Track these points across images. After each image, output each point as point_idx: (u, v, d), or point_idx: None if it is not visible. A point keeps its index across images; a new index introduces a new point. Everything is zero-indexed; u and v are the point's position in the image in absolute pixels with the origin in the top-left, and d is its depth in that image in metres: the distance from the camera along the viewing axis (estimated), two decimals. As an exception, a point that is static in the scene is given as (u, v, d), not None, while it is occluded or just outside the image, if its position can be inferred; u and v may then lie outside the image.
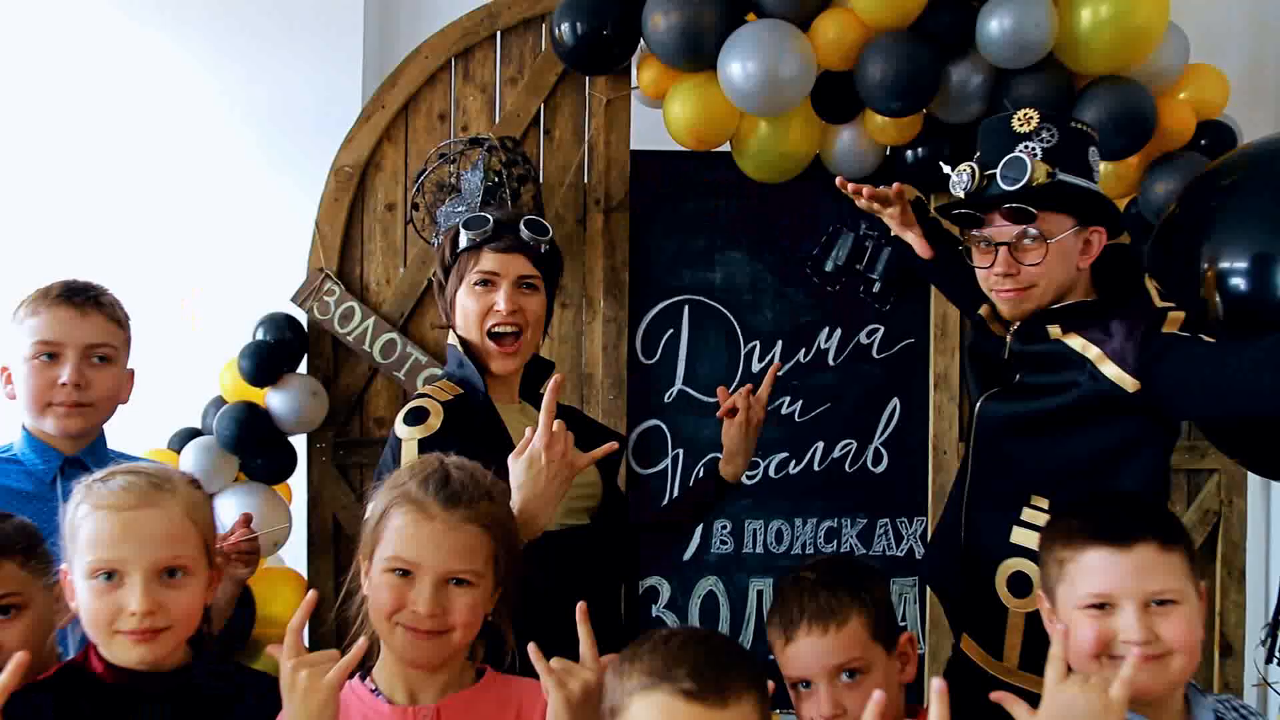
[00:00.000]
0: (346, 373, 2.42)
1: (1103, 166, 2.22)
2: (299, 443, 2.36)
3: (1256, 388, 1.24)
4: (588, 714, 0.98)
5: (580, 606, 1.05)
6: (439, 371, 2.31)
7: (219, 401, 2.36)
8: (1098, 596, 1.09)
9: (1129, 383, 1.34)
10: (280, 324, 2.35)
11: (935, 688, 0.90)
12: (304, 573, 2.37)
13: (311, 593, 1.06)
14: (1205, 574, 2.48)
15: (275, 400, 2.29)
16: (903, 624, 2.44)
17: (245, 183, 2.76)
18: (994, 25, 2.06)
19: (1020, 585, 1.45)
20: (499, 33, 2.43)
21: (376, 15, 2.91)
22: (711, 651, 0.88)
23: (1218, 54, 2.58)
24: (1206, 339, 1.31)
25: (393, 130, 2.44)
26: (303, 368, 2.39)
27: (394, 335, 2.38)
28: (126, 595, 1.03)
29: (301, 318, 2.39)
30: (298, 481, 2.39)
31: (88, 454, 1.64)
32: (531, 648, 1.00)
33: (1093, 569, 1.10)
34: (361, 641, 1.02)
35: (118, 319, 1.70)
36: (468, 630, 1.08)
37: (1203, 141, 2.20)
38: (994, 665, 1.48)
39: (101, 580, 1.04)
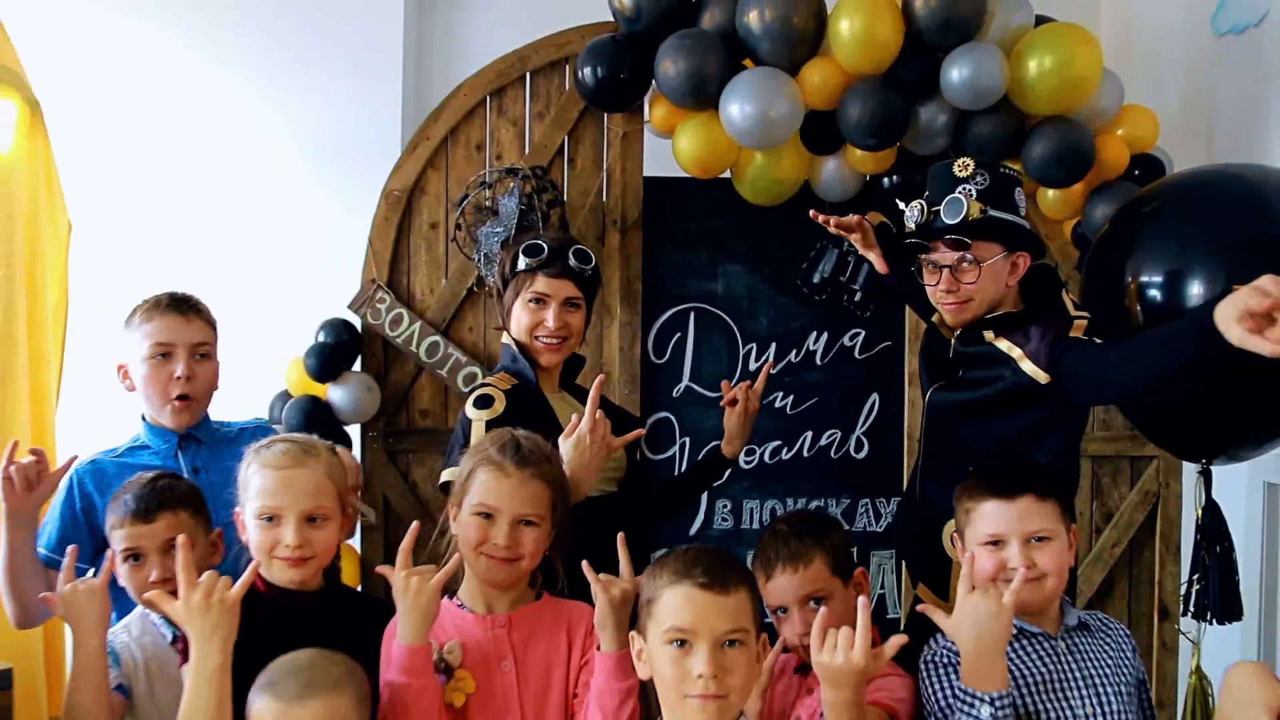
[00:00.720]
0: (396, 370, 2.81)
1: (1050, 194, 2.64)
2: (353, 431, 2.75)
3: (1121, 377, 1.63)
4: (624, 614, 1.36)
5: (620, 536, 1.43)
6: (477, 369, 2.73)
7: (285, 395, 2.75)
8: (992, 535, 1.48)
9: (1042, 377, 1.72)
10: (339, 328, 2.74)
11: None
12: (357, 546, 2.76)
13: (415, 523, 1.45)
14: (1145, 547, 2.88)
15: (335, 394, 2.68)
16: (878, 589, 2.83)
17: (301, 203, 3.17)
18: (955, 74, 2.44)
19: (960, 541, 1.84)
20: (528, 74, 2.82)
21: (414, 57, 3.32)
22: (717, 557, 1.26)
23: (1158, 93, 2.98)
24: (1098, 341, 1.70)
25: (436, 159, 2.83)
26: (357, 366, 2.79)
27: (437, 338, 2.77)
28: (283, 532, 1.42)
29: (357, 323, 2.79)
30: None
31: (197, 429, 2.03)
32: (585, 564, 1.38)
33: (988, 515, 1.49)
34: (456, 557, 1.41)
35: (211, 322, 2.10)
36: (533, 560, 1.46)
37: (1136, 172, 2.59)
38: (941, 605, 1.87)
39: (265, 521, 1.43)
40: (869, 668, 1.22)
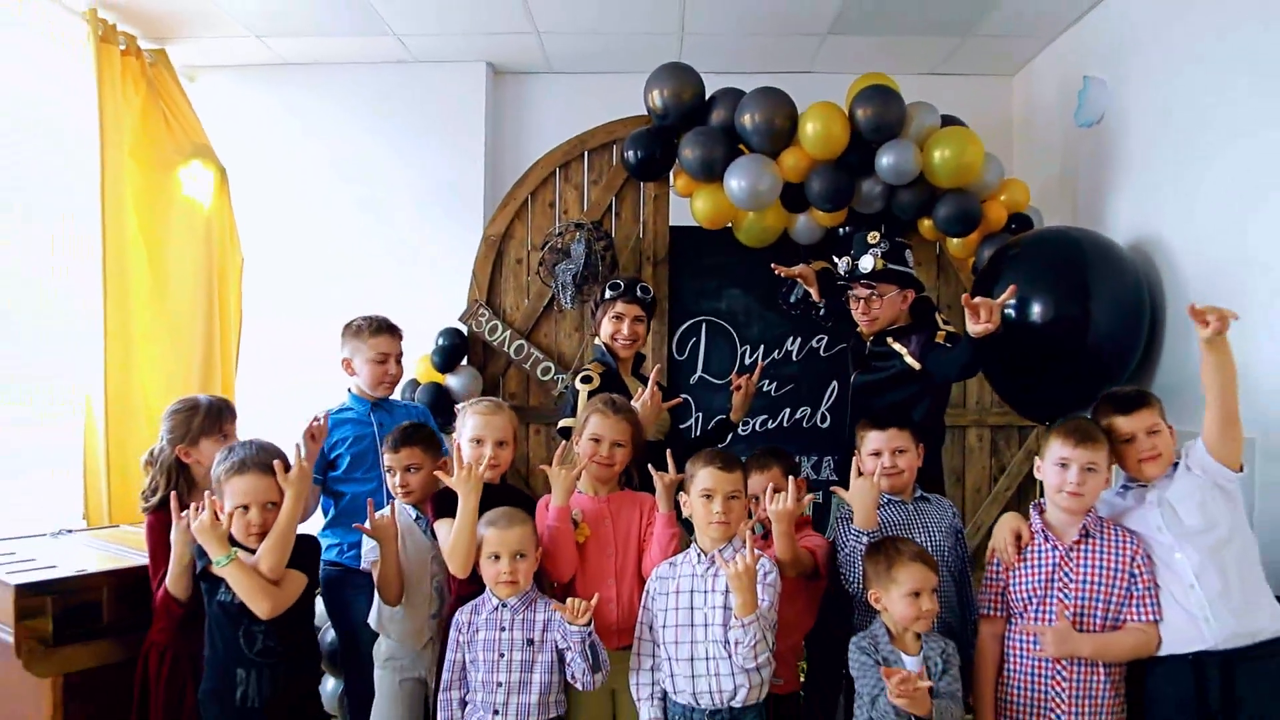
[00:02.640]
0: (492, 364, 4.08)
1: (954, 241, 3.90)
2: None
3: (951, 368, 2.89)
4: (671, 493, 2.57)
5: (669, 451, 2.67)
6: (550, 364, 3.99)
7: (413, 383, 4.01)
8: (871, 451, 2.67)
9: (917, 366, 2.97)
10: (452, 335, 4.01)
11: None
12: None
13: (561, 447, 2.71)
14: (1028, 491, 4.11)
15: (452, 381, 3.95)
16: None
17: (416, 241, 4.45)
18: (885, 160, 3.70)
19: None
20: (586, 152, 4.10)
21: (492, 134, 4.60)
22: (726, 454, 2.48)
23: (1041, 167, 4.26)
24: (947, 345, 2.95)
25: (520, 213, 4.10)
26: (465, 361, 4.06)
27: (522, 341, 4.04)
28: (484, 452, 2.65)
29: (465, 330, 4.05)
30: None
31: (382, 400, 3.25)
32: (650, 466, 2.62)
33: (869, 439, 2.67)
34: (580, 465, 2.63)
35: (400, 335, 3.32)
36: (620, 467, 2.69)
37: (1013, 226, 3.85)
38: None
39: (474, 443, 2.66)
40: (793, 511, 2.44)
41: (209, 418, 2.71)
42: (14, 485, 3.57)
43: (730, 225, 3.98)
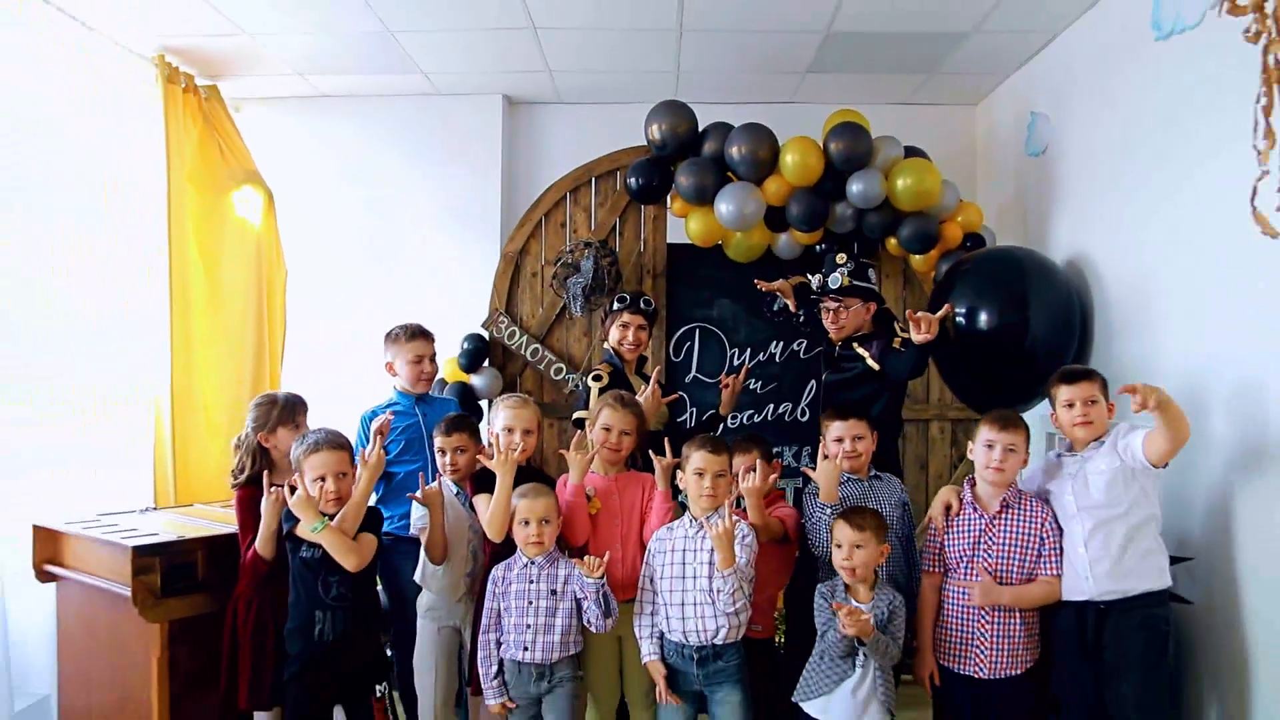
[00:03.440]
0: (510, 365, 4.66)
1: (916, 258, 4.49)
2: (484, 403, 4.59)
3: (903, 369, 3.48)
4: (668, 475, 3.13)
5: (667, 440, 3.24)
6: (563, 365, 4.57)
7: (441, 383, 4.58)
8: (835, 438, 3.24)
9: (876, 367, 3.56)
10: (476, 339, 4.59)
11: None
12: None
13: (576, 436, 3.29)
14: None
15: (476, 380, 4.53)
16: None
17: (441, 258, 5.03)
18: (854, 187, 4.28)
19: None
20: (594, 179, 4.68)
21: (508, 160, 5.17)
22: (716, 440, 3.05)
23: (998, 190, 4.85)
24: (901, 350, 3.53)
25: (535, 232, 4.68)
26: (487, 363, 4.64)
27: (537, 345, 4.62)
28: (515, 439, 3.22)
29: (486, 336, 4.64)
30: (483, 425, 4.63)
31: (423, 395, 3.83)
32: (651, 452, 3.19)
33: (833, 427, 3.24)
34: (594, 450, 3.21)
35: (432, 338, 3.90)
36: (627, 452, 3.25)
37: (968, 244, 4.43)
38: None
39: (506, 433, 3.23)
40: (760, 488, 3.00)
41: (285, 410, 3.29)
42: (89, 473, 4.13)
43: (720, 243, 4.56)
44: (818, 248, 4.52)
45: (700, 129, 4.42)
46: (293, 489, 2.91)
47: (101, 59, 4.21)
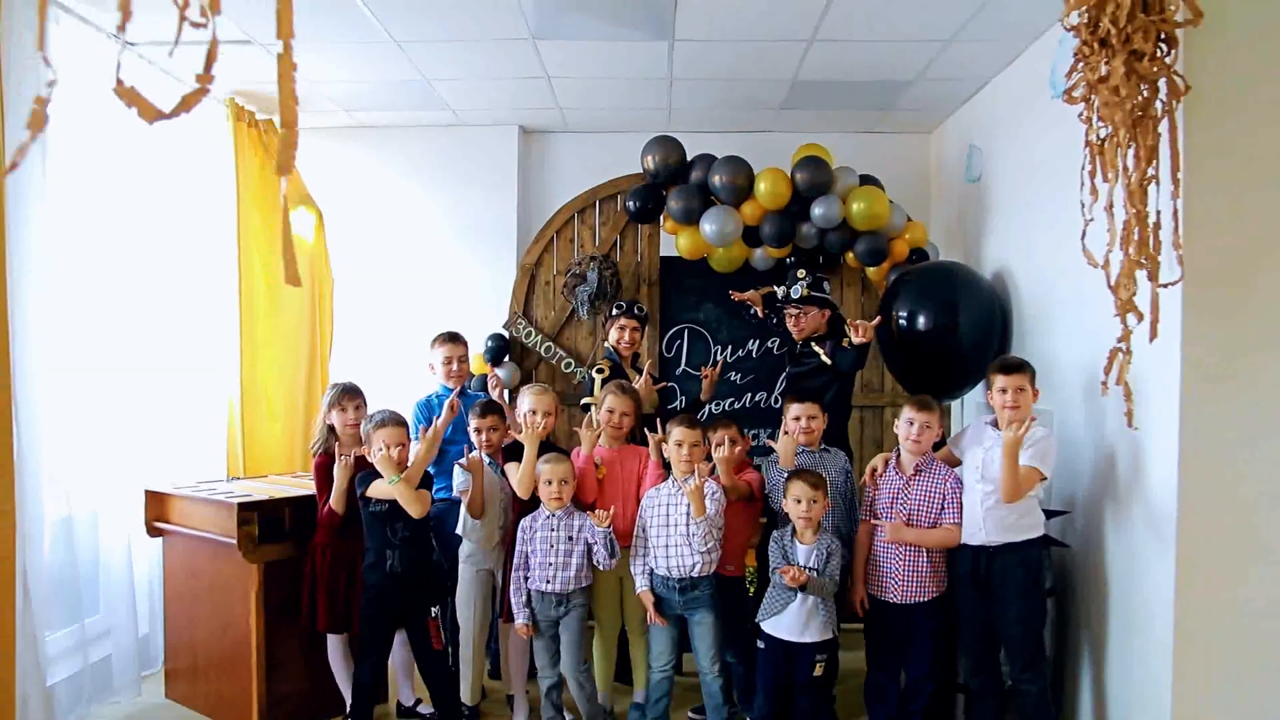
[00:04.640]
0: (527, 360, 5.55)
1: (870, 270, 5.38)
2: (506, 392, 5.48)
3: (845, 363, 4.35)
4: (659, 448, 4.02)
5: (657, 421, 4.13)
6: (572, 361, 5.47)
7: (470, 375, 5.48)
8: (793, 417, 4.09)
9: (829, 362, 4.43)
10: (498, 338, 5.48)
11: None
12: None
13: (587, 416, 4.18)
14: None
15: (499, 372, 5.43)
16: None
17: (463, 270, 5.92)
18: (817, 210, 5.16)
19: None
20: (597, 201, 5.56)
21: (524, 182, 6.06)
22: (692, 417, 3.94)
23: (943, 210, 5.74)
24: (847, 348, 4.41)
25: (549, 246, 5.57)
26: (508, 358, 5.53)
27: (550, 343, 5.52)
28: (537, 419, 4.10)
29: (507, 335, 5.53)
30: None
31: (461, 388, 4.72)
32: (645, 430, 4.08)
33: (791, 409, 4.08)
34: (600, 428, 4.10)
35: (465, 342, 4.79)
36: (628, 429, 4.13)
37: (913, 258, 5.31)
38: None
39: (530, 414, 4.11)
40: (729, 458, 3.88)
41: (341, 395, 4.18)
42: (169, 450, 5.01)
43: (705, 256, 5.44)
44: (787, 260, 5.39)
45: (688, 159, 5.30)
46: (358, 459, 3.81)
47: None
